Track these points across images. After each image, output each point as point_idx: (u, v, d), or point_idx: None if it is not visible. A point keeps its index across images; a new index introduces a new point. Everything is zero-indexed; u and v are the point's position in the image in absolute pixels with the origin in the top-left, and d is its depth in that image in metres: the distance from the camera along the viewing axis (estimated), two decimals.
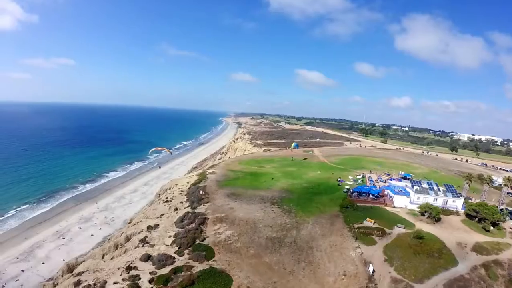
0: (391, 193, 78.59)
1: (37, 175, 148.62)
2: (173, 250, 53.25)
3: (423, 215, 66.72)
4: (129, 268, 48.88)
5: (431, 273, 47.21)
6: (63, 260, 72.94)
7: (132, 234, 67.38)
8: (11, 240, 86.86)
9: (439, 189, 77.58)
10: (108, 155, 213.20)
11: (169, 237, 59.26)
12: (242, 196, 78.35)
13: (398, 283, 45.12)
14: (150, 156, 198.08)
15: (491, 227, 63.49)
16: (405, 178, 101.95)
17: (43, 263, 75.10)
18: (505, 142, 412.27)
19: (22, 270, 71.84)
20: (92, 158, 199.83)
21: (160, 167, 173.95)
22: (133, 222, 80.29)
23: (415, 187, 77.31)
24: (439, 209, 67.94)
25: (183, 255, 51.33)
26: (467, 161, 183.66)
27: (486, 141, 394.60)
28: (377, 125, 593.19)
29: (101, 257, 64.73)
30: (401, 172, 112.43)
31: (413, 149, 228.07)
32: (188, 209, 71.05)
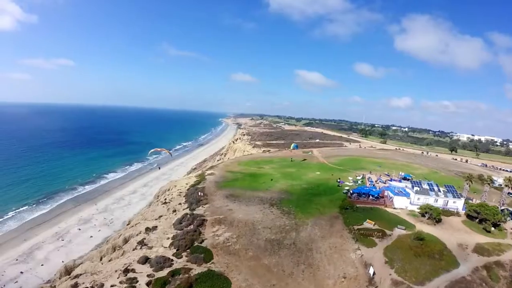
0: (391, 194, 78.04)
1: (36, 177, 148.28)
2: (171, 252, 52.77)
3: (424, 216, 66.18)
4: (126, 271, 48.37)
5: (432, 275, 46.64)
6: (62, 261, 72.53)
7: (130, 236, 66.86)
8: (10, 241, 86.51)
9: (439, 190, 77.03)
10: (107, 156, 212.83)
11: (167, 239, 58.75)
12: (241, 197, 77.82)
13: (399, 285, 44.54)
14: (149, 157, 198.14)
15: (492, 228, 63.02)
16: (405, 179, 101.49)
17: (42, 265, 74.85)
18: (504, 142, 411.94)
19: (21, 272, 71.46)
20: (91, 159, 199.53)
21: (159, 168, 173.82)
22: (131, 224, 79.80)
23: (415, 188, 76.77)
24: (440, 210, 67.36)
25: (181, 257, 50.79)
26: (466, 161, 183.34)
27: (486, 141, 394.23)
28: (376, 125, 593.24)
29: (99, 259, 64.24)
30: (401, 173, 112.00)
31: (412, 150, 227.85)
32: (187, 211, 70.53)
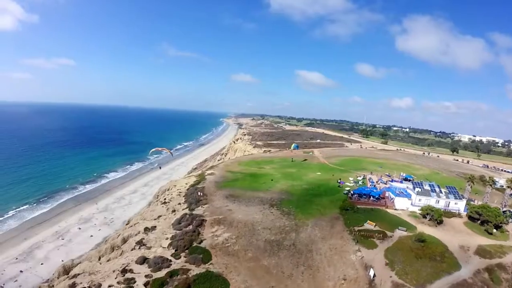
0: (392, 195, 77.39)
1: (37, 176, 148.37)
2: (169, 253, 52.48)
3: (425, 217, 65.53)
4: (124, 271, 48.13)
5: (433, 277, 46.09)
6: (62, 261, 72.19)
7: (129, 236, 66.52)
8: (10, 240, 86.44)
9: (441, 191, 76.40)
10: (108, 155, 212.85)
11: (166, 239, 58.42)
12: (241, 197, 77.43)
13: None
14: (150, 156, 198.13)
15: (494, 230, 62.32)
16: (406, 180, 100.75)
17: (42, 264, 74.64)
18: (506, 143, 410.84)
19: (21, 271, 71.29)
20: (92, 158, 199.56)
21: (160, 167, 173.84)
22: (131, 223, 79.45)
23: (417, 188, 76.22)
24: (441, 211, 66.70)
25: (179, 258, 50.46)
26: (468, 162, 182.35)
27: (487, 142, 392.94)
28: (377, 126, 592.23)
29: (98, 259, 63.99)
30: (402, 174, 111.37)
31: (414, 150, 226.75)
32: (186, 211, 70.18)
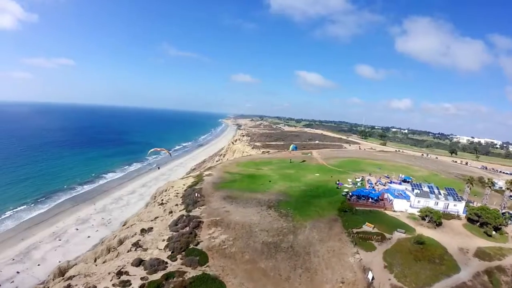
0: (391, 197, 76.97)
1: (35, 176, 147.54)
2: (165, 255, 51.97)
3: (424, 219, 65.18)
4: (120, 273, 47.62)
5: (432, 280, 45.72)
6: (59, 261, 71.70)
7: (125, 237, 65.94)
8: (7, 241, 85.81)
9: (440, 193, 75.97)
10: (107, 156, 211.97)
11: (162, 241, 57.92)
12: (238, 199, 76.93)
13: None
14: (149, 157, 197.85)
15: (493, 232, 62.08)
16: (405, 181, 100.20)
17: (38, 265, 73.99)
18: (504, 145, 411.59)
19: (18, 272, 70.58)
20: (90, 159, 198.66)
21: (159, 168, 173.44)
22: (127, 224, 78.88)
23: (416, 190, 75.76)
24: (440, 213, 66.46)
25: (176, 260, 49.98)
26: (466, 163, 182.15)
27: (486, 144, 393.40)
28: (376, 127, 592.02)
29: (93, 260, 63.38)
30: (401, 175, 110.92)
31: (412, 152, 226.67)
32: (183, 212, 69.68)
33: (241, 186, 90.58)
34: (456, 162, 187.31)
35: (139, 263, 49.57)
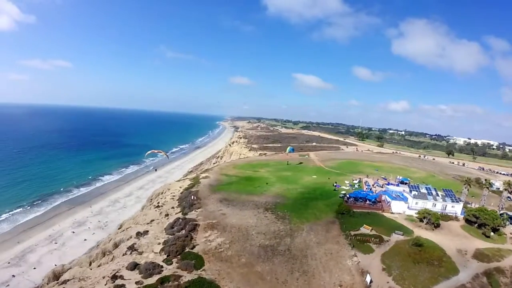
0: (388, 199, 76.64)
1: (31, 178, 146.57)
2: (161, 258, 51.23)
3: (422, 221, 64.76)
4: (114, 277, 46.84)
5: (431, 282, 45.21)
6: (55, 265, 70.85)
7: (121, 240, 65.18)
8: (2, 244, 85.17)
9: (437, 194, 75.76)
10: (104, 158, 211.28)
11: (158, 244, 57.13)
12: (235, 201, 76.29)
13: None
14: (146, 159, 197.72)
15: (492, 233, 61.78)
16: (402, 183, 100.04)
17: (34, 268, 73.25)
18: (500, 146, 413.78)
19: (13, 275, 69.87)
20: (87, 161, 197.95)
21: (156, 170, 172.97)
22: (123, 228, 78.04)
23: (413, 192, 75.47)
24: (438, 214, 66.01)
25: (171, 263, 49.22)
26: (463, 165, 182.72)
27: (482, 145, 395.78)
28: (373, 129, 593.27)
29: (88, 264, 62.41)
30: (398, 177, 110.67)
31: (409, 153, 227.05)
32: (179, 215, 68.91)
33: (238, 188, 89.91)
34: (453, 163, 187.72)
35: (134, 267, 48.82)
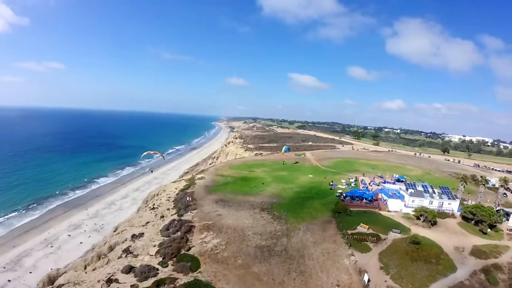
0: (385, 197, 76.47)
1: (26, 182, 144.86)
2: (156, 261, 50.63)
3: (419, 218, 64.66)
4: (109, 281, 46.27)
5: (429, 280, 45.04)
6: (51, 269, 69.86)
7: (116, 243, 64.51)
8: None
9: (434, 192, 75.67)
10: (99, 160, 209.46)
11: (153, 246, 56.47)
12: (231, 202, 75.77)
13: None
14: (141, 161, 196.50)
15: (489, 230, 61.91)
16: (399, 181, 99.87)
17: (30, 273, 72.21)
18: (495, 142, 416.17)
19: (9, 280, 68.83)
20: (83, 164, 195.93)
21: (152, 171, 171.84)
22: (118, 230, 77.24)
23: (410, 190, 75.35)
24: (435, 212, 66.07)
25: (167, 266, 48.63)
26: (459, 162, 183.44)
27: (477, 142, 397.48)
28: (369, 127, 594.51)
29: (83, 268, 61.58)
30: (394, 175, 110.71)
31: (405, 151, 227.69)
32: (175, 217, 68.25)
33: (233, 189, 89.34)
34: (448, 160, 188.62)
35: (129, 270, 48.15)
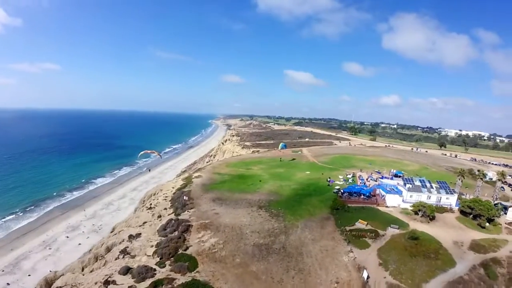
0: (383, 192, 76.24)
1: (23, 184, 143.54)
2: (154, 261, 50.19)
3: (417, 214, 64.50)
4: (107, 283, 45.90)
5: (428, 276, 44.74)
6: (49, 271, 69.34)
7: (113, 244, 63.93)
8: None
9: (432, 186, 75.53)
10: (96, 161, 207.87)
11: (150, 247, 56.06)
12: (228, 200, 75.35)
13: None
14: (139, 160, 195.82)
15: (487, 224, 61.82)
16: (396, 176, 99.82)
17: (29, 275, 71.63)
18: (492, 136, 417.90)
19: (8, 283, 68.31)
20: (80, 164, 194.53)
21: (149, 170, 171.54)
22: (115, 231, 76.62)
23: (408, 185, 75.14)
24: (433, 207, 65.84)
25: (164, 266, 48.20)
26: (456, 156, 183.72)
27: (473, 136, 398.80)
28: (366, 123, 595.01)
29: (81, 270, 61.01)
30: (392, 170, 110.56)
31: (402, 146, 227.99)
32: (172, 216, 67.71)
33: (231, 187, 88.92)
34: (445, 155, 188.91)
35: (126, 271, 47.77)
